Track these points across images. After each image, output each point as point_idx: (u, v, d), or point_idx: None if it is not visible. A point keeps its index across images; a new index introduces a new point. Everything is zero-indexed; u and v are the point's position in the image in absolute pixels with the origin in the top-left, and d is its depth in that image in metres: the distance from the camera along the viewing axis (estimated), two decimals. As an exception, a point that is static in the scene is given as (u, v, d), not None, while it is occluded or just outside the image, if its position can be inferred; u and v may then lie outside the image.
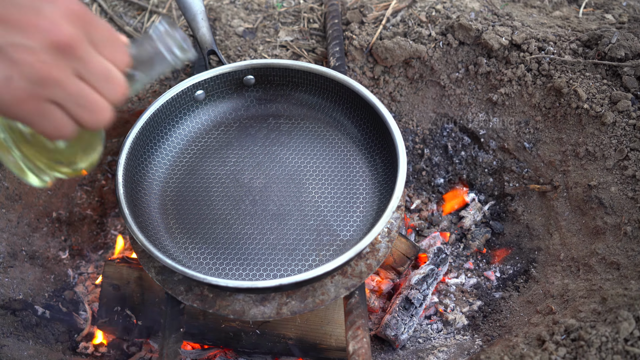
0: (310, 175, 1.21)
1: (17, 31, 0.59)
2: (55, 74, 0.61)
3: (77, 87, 0.63)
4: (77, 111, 0.64)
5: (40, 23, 0.60)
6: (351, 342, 1.06)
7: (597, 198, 1.29)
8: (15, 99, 0.60)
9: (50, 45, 0.60)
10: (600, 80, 1.38)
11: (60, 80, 0.62)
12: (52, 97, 0.62)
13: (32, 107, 0.61)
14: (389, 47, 1.49)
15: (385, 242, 1.14)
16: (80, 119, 0.65)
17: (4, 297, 1.31)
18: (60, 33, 0.60)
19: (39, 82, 0.60)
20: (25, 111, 0.61)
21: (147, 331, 1.30)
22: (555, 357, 1.03)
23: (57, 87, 0.62)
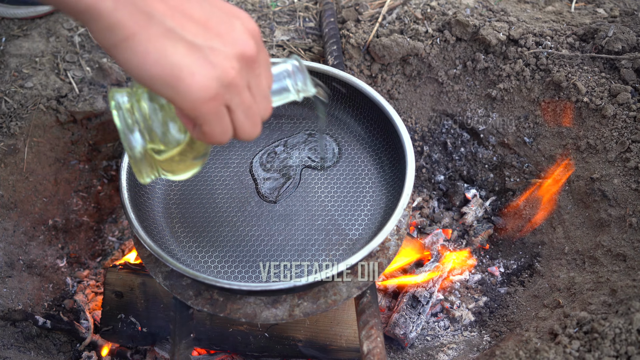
0: (315, 174, 1.20)
1: (215, 37, 0.66)
2: (239, 81, 0.67)
3: (249, 99, 0.70)
4: (242, 121, 0.71)
5: (234, 35, 0.67)
6: (365, 342, 1.05)
7: (600, 191, 1.30)
8: (204, 96, 0.65)
9: (239, 55, 0.67)
10: (599, 74, 1.39)
11: (241, 88, 0.68)
12: (229, 102, 0.68)
13: (212, 107, 0.66)
14: (387, 45, 1.48)
15: (395, 240, 1.13)
16: (241, 127, 0.72)
17: (3, 308, 1.27)
18: (249, 47, 0.68)
19: (226, 85, 0.66)
20: (206, 109, 0.66)
21: (153, 338, 1.28)
22: (569, 350, 1.03)
23: (237, 95, 0.68)
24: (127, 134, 0.74)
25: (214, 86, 0.65)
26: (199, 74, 0.64)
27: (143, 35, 0.62)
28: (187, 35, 0.64)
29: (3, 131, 1.40)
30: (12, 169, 1.40)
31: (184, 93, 0.64)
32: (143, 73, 0.64)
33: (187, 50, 0.64)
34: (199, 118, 0.67)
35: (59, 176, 1.49)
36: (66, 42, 1.56)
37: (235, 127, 0.71)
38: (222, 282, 0.98)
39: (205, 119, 0.67)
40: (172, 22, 0.64)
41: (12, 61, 1.50)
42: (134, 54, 0.63)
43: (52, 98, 1.45)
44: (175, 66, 0.63)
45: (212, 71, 0.65)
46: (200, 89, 0.64)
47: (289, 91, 0.84)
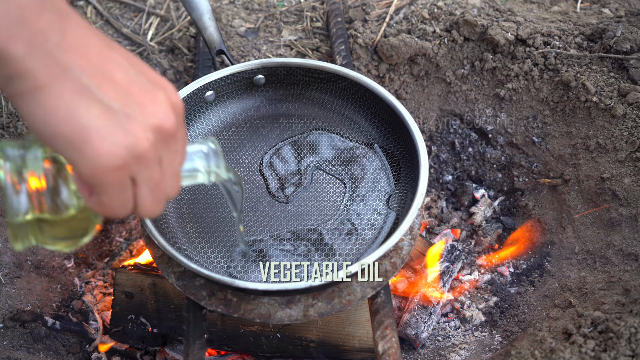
0: (326, 173, 1.20)
1: (135, 104, 0.61)
2: (151, 154, 0.62)
3: (158, 175, 0.66)
4: (146, 197, 0.66)
5: (155, 106, 0.63)
6: (380, 342, 1.04)
7: (610, 190, 1.30)
8: (110, 164, 0.59)
9: (157, 128, 0.63)
10: (607, 73, 1.39)
11: (151, 162, 0.63)
12: (135, 175, 0.63)
13: (117, 178, 0.61)
14: (395, 45, 1.48)
15: (408, 240, 1.12)
16: (143, 204, 0.66)
17: (12, 309, 1.26)
18: (168, 121, 0.64)
19: (136, 156, 0.61)
20: (110, 179, 0.61)
21: (163, 339, 1.27)
22: (585, 350, 1.03)
23: (145, 168, 0.63)
24: (12, 194, 0.65)
25: (122, 154, 0.60)
26: (108, 140, 0.59)
27: (54, 89, 0.57)
28: (104, 98, 0.59)
29: (10, 131, 1.39)
30: (20, 169, 1.38)
31: (89, 157, 0.58)
32: (47, 129, 0.58)
33: (100, 112, 0.59)
34: (99, 187, 0.61)
35: (66, 176, 1.48)
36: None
37: (136, 203, 0.66)
38: (237, 282, 0.97)
39: (106, 188, 0.62)
40: (90, 80, 0.59)
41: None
42: (41, 107, 0.57)
43: (59, 98, 1.44)
44: (84, 127, 0.58)
45: (124, 139, 0.60)
46: (107, 155, 0.59)
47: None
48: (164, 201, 0.69)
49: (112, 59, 0.62)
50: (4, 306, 1.26)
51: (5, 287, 1.29)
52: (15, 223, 0.67)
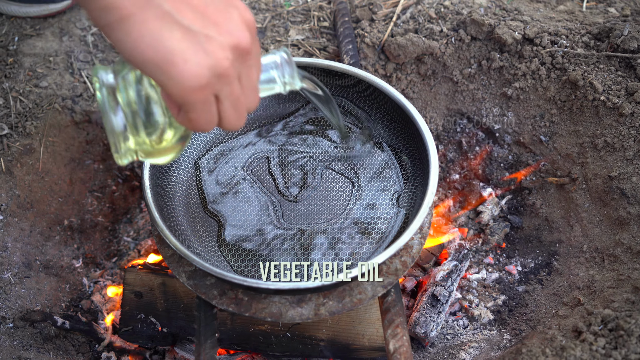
0: (335, 172, 1.20)
1: (212, 25, 0.65)
2: (231, 72, 0.67)
3: (238, 90, 0.70)
4: (229, 112, 0.71)
5: (230, 25, 0.67)
6: (391, 340, 1.05)
7: (618, 189, 1.30)
8: (195, 84, 0.64)
9: (234, 46, 0.66)
10: (615, 72, 1.39)
11: (232, 79, 0.68)
12: (218, 92, 0.67)
13: (202, 96, 0.66)
14: (402, 44, 1.48)
15: (418, 239, 1.13)
16: (227, 118, 0.71)
17: (22, 309, 1.27)
18: (244, 38, 0.67)
19: (218, 75, 0.65)
20: (196, 98, 0.66)
21: (173, 338, 1.27)
22: (595, 348, 1.03)
23: (227, 85, 0.67)
24: (109, 113, 0.73)
25: (205, 75, 0.64)
26: (192, 62, 0.63)
27: (139, 17, 0.61)
28: (183, 21, 0.63)
29: (19, 131, 1.39)
30: (28, 169, 1.39)
31: (175, 79, 0.63)
32: (136, 55, 0.63)
33: (182, 35, 0.63)
34: (187, 105, 0.67)
35: (74, 176, 1.49)
36: (79, 42, 1.55)
37: (220, 117, 0.71)
38: (249, 281, 0.97)
39: (193, 106, 0.67)
40: (169, 5, 0.63)
41: (26, 60, 1.49)
42: (128, 36, 0.62)
43: (67, 97, 1.45)
44: (169, 51, 0.62)
45: (206, 60, 0.64)
46: (192, 76, 0.64)
47: (275, 82, 0.85)
48: (245, 115, 0.74)
49: None
50: (14, 306, 1.27)
51: (14, 287, 1.29)
52: (117, 137, 0.74)
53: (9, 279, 1.29)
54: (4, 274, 1.28)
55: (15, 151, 1.37)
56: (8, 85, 1.44)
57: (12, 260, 1.31)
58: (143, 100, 0.73)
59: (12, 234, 1.33)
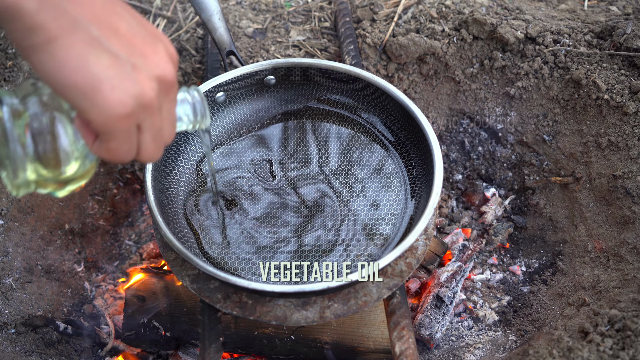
0: (339, 174, 1.19)
1: (139, 55, 0.65)
2: (155, 103, 0.66)
3: (159, 122, 0.69)
4: (149, 143, 0.70)
5: (156, 57, 0.67)
6: (397, 343, 1.04)
7: (623, 188, 1.29)
8: (120, 112, 0.63)
9: (160, 78, 0.67)
10: (618, 71, 1.39)
11: (155, 111, 0.67)
12: (141, 123, 0.66)
13: (125, 125, 0.64)
14: (404, 44, 1.47)
15: (423, 240, 1.12)
16: (146, 150, 0.70)
17: (24, 314, 1.25)
18: (169, 71, 0.68)
19: (142, 105, 0.65)
20: (119, 126, 0.64)
21: (176, 342, 1.26)
22: (603, 349, 1.02)
23: (150, 116, 0.67)
24: (11, 140, 0.66)
25: (131, 104, 0.63)
26: (119, 89, 0.62)
27: (65, 41, 0.59)
28: (111, 48, 0.62)
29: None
30: (29, 173, 1.38)
31: (100, 106, 0.61)
32: (59, 79, 0.60)
33: (110, 62, 0.62)
34: (108, 134, 0.64)
35: (74, 180, 1.47)
36: (79, 44, 1.54)
37: (139, 148, 0.69)
38: (254, 284, 0.97)
39: (114, 135, 0.65)
40: (97, 31, 0.62)
41: (25, 64, 1.48)
42: (52, 59, 0.60)
43: (68, 101, 1.44)
44: (96, 77, 0.61)
45: (132, 88, 0.63)
46: (118, 104, 0.62)
47: (181, 121, 0.85)
48: (163, 147, 0.73)
49: (116, 12, 0.65)
50: (16, 311, 1.26)
51: (16, 292, 1.28)
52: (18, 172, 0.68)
53: (10, 284, 1.28)
54: (5, 279, 1.27)
55: (15, 155, 1.36)
56: (7, 89, 1.43)
57: (13, 265, 1.30)
58: (49, 129, 0.69)
59: (13, 239, 1.32)
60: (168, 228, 1.03)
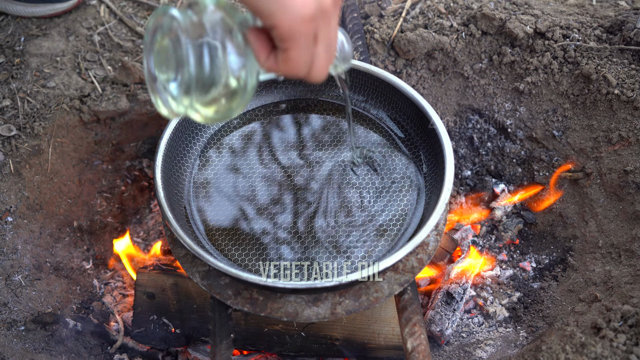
0: (349, 169, 1.19)
1: None
2: (332, 12, 0.69)
3: (332, 33, 0.71)
4: (322, 56, 0.71)
5: None
6: (409, 339, 1.03)
7: (634, 183, 1.28)
8: (305, 15, 0.65)
9: None
10: (628, 66, 1.38)
11: (330, 19, 0.69)
12: (318, 31, 0.68)
13: (308, 29, 0.67)
14: (412, 40, 1.46)
15: (434, 236, 1.11)
16: (319, 63, 0.71)
17: (33, 311, 1.25)
18: None
19: (322, 11, 0.67)
20: (302, 30, 0.66)
21: (186, 339, 1.26)
22: (616, 344, 1.02)
23: (326, 25, 0.69)
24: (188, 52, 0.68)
25: (313, 7, 0.65)
26: None
27: None
28: None
29: (27, 132, 1.38)
30: (37, 169, 1.38)
31: (287, 8, 0.64)
32: None
33: None
34: (292, 39, 0.66)
35: (82, 177, 1.47)
36: (86, 41, 1.54)
37: (313, 62, 0.71)
38: (265, 280, 0.96)
39: (297, 41, 0.67)
40: None
41: (32, 61, 1.48)
42: None
43: (75, 98, 1.43)
44: None
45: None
46: (303, 6, 0.64)
47: None
48: (330, 65, 0.75)
49: None
50: (25, 308, 1.25)
51: (25, 290, 1.28)
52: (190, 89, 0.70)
53: (19, 281, 1.27)
54: (14, 277, 1.27)
55: (23, 152, 1.36)
56: (15, 86, 1.43)
57: (22, 262, 1.29)
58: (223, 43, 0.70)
59: (22, 236, 1.32)
60: (178, 224, 1.02)
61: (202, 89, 0.71)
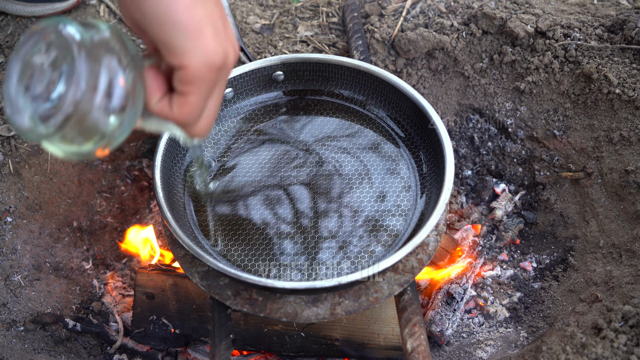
0: (349, 169, 1.18)
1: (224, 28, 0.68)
2: (229, 69, 0.69)
3: (221, 94, 0.72)
4: (212, 110, 0.71)
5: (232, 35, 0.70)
6: (409, 340, 1.03)
7: (635, 183, 1.28)
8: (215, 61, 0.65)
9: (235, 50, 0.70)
10: (630, 65, 1.37)
11: (225, 77, 0.70)
12: (217, 84, 0.68)
13: (213, 77, 0.66)
14: (412, 39, 1.46)
15: (434, 236, 1.11)
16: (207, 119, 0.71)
17: (33, 312, 1.25)
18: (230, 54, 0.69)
19: (227, 64, 0.67)
20: (208, 77, 0.65)
21: (185, 339, 1.25)
22: (617, 345, 1.01)
23: (223, 81, 0.69)
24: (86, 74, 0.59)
25: (222, 58, 0.65)
26: (218, 40, 0.64)
27: None
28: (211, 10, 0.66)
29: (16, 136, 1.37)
30: (36, 169, 1.37)
31: (200, 49, 0.63)
32: (169, 13, 0.61)
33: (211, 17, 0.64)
34: (196, 83, 0.65)
35: (82, 177, 1.47)
36: (86, 41, 1.53)
37: (203, 115, 0.70)
38: (264, 281, 0.96)
39: (200, 87, 0.66)
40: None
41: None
42: None
43: (75, 97, 1.43)
44: (201, 21, 0.63)
45: (226, 45, 0.66)
46: (215, 52, 0.64)
47: None
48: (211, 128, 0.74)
49: None
50: (24, 309, 1.25)
51: (24, 290, 1.28)
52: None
53: (19, 281, 1.27)
54: (14, 277, 1.27)
55: (22, 152, 1.36)
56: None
57: (21, 262, 1.29)
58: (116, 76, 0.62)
59: (22, 236, 1.31)
60: (177, 225, 1.02)
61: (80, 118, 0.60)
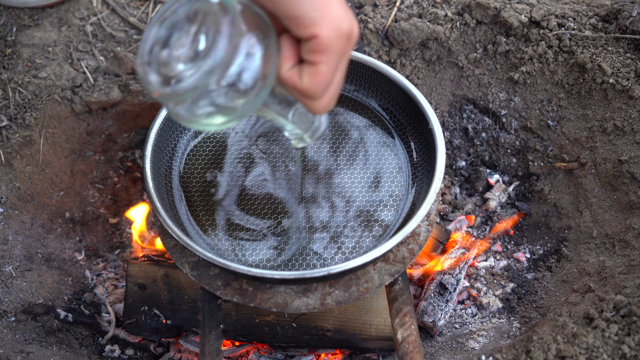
0: (341, 160, 1.18)
1: None
2: (355, 40, 0.67)
3: (345, 70, 0.70)
4: (337, 84, 0.69)
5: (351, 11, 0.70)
6: (399, 329, 1.03)
7: (629, 173, 1.27)
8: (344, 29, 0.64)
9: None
10: (624, 54, 1.36)
11: (351, 48, 0.68)
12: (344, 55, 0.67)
13: (343, 46, 0.65)
14: (406, 29, 1.45)
15: (425, 226, 1.11)
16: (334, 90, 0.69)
17: (24, 302, 1.25)
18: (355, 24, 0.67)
19: (353, 35, 0.66)
20: (339, 45, 0.64)
21: (177, 330, 1.25)
22: (608, 334, 1.01)
23: (348, 52, 0.67)
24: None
25: (350, 27, 0.64)
26: (345, 11, 0.64)
27: None
28: None
29: (18, 122, 1.37)
30: (28, 160, 1.37)
31: (330, 19, 0.62)
32: None
33: None
34: (327, 53, 0.64)
35: (74, 168, 1.47)
36: (78, 32, 1.53)
37: (330, 87, 0.68)
38: (254, 271, 0.95)
39: (331, 57, 0.64)
40: None
41: (24, 51, 1.47)
42: None
43: (67, 88, 1.43)
44: None
45: (351, 17, 0.65)
46: (343, 20, 0.63)
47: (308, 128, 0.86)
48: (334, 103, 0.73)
49: None
50: (16, 299, 1.25)
51: (16, 281, 1.27)
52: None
53: (10, 272, 1.27)
54: (5, 267, 1.27)
55: (14, 143, 1.35)
56: (7, 77, 1.42)
57: (13, 253, 1.29)
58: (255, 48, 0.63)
59: (13, 227, 1.31)
60: (167, 215, 1.02)
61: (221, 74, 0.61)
